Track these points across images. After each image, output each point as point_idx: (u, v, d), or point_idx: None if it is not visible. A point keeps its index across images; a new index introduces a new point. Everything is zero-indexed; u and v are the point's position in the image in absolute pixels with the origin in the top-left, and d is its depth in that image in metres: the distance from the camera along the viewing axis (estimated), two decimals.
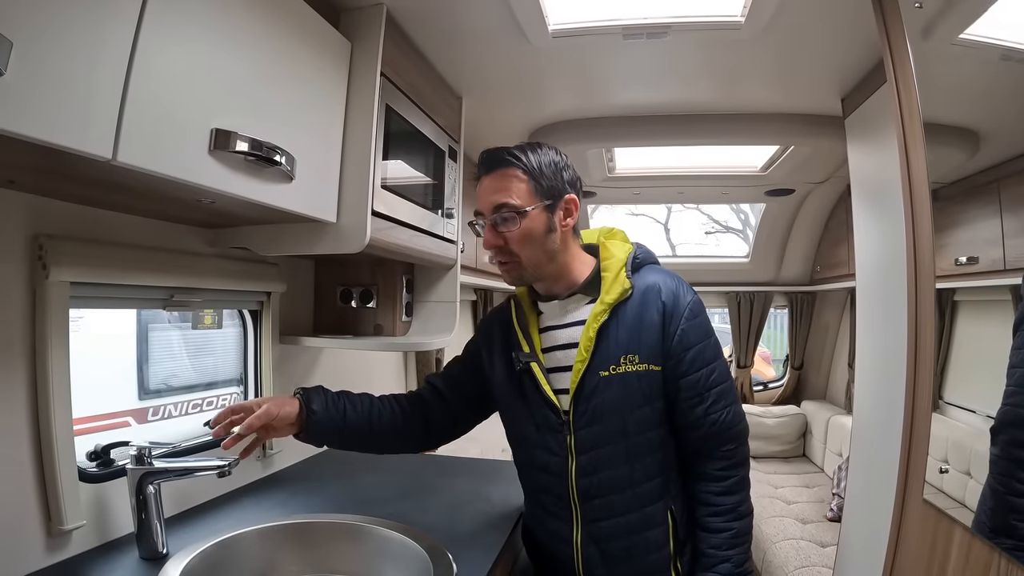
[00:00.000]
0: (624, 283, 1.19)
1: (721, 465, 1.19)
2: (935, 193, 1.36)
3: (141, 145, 0.83)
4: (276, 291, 1.72)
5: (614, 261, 1.22)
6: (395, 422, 1.33)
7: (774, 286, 4.48)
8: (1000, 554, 1.11)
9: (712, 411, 1.17)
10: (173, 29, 0.88)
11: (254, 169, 1.07)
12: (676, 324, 1.17)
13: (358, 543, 1.32)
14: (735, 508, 1.17)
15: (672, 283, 1.21)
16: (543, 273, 1.21)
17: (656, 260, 1.30)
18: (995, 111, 1.22)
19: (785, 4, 1.53)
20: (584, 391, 1.17)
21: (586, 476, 1.18)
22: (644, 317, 1.17)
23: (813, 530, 3.00)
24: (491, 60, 1.89)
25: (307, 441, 1.26)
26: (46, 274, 1.06)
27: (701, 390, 1.17)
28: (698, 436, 1.19)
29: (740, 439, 1.20)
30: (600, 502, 1.19)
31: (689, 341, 1.17)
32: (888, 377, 1.65)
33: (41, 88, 0.69)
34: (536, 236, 1.17)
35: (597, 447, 1.17)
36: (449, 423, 1.40)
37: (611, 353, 1.16)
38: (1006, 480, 1.14)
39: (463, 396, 1.38)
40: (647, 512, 1.18)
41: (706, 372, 1.17)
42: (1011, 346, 1.13)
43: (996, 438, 1.17)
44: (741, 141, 2.70)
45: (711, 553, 1.16)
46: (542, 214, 1.17)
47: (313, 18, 1.26)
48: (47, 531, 1.08)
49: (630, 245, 1.28)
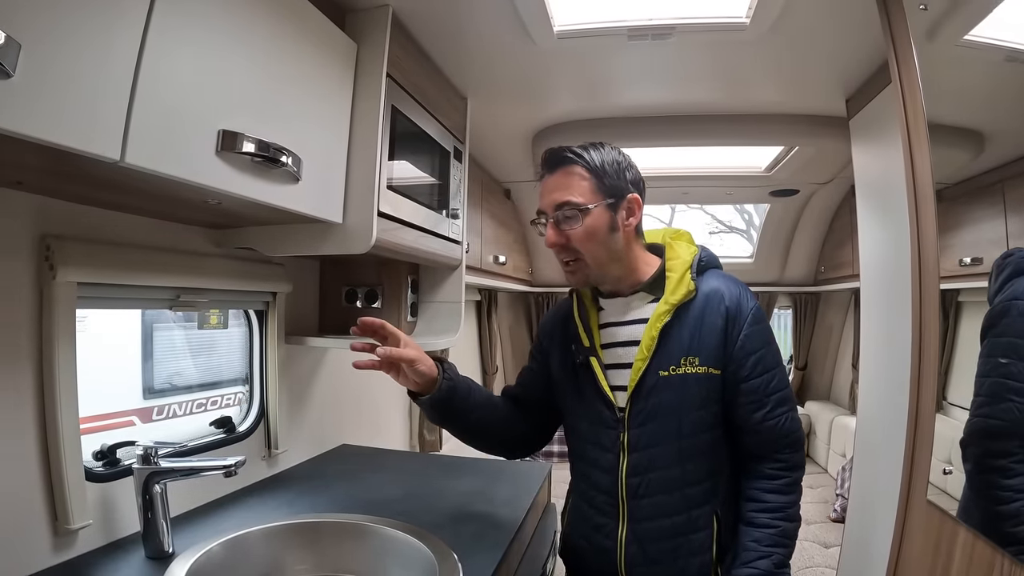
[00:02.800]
0: (689, 285, 1.18)
1: (776, 467, 1.18)
2: (939, 194, 1.36)
3: (149, 146, 0.83)
4: (282, 291, 1.72)
5: (679, 262, 1.22)
6: (509, 418, 1.34)
7: (778, 286, 4.48)
8: (1003, 555, 1.11)
9: (771, 417, 1.16)
10: (180, 31, 0.88)
11: (261, 170, 1.07)
12: (739, 329, 1.16)
13: (364, 543, 1.33)
14: (784, 508, 1.16)
15: (736, 289, 1.20)
16: (607, 274, 1.21)
17: (720, 264, 1.29)
18: (999, 112, 1.22)
19: (790, 5, 1.53)
20: (643, 389, 1.16)
21: (637, 475, 1.18)
22: (706, 320, 1.17)
23: (817, 531, 3.00)
24: (496, 61, 1.90)
25: (425, 404, 1.22)
26: (53, 274, 1.06)
27: (762, 395, 1.16)
28: (756, 441, 1.18)
29: (797, 446, 1.20)
30: (648, 502, 1.18)
31: (752, 346, 1.16)
32: (892, 378, 1.65)
33: (50, 90, 0.69)
34: (599, 234, 1.15)
35: (650, 446, 1.17)
36: (539, 429, 1.40)
37: (672, 353, 1.16)
38: (989, 493, 1.14)
39: (542, 399, 1.37)
40: (694, 515, 1.17)
41: (768, 377, 1.17)
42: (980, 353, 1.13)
43: (967, 452, 1.17)
44: (746, 142, 2.70)
45: (751, 546, 1.14)
46: (605, 212, 1.15)
47: (319, 19, 1.26)
48: (54, 530, 1.09)
49: (695, 247, 1.27)
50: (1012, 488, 1.09)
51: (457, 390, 1.23)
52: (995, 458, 1.12)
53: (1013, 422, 1.07)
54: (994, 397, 1.12)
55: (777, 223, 4.06)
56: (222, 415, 1.64)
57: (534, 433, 1.40)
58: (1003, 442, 1.10)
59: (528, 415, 1.38)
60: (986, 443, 1.14)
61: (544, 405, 1.37)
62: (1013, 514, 1.09)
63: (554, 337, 1.34)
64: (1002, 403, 1.09)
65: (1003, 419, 1.09)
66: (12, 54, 0.64)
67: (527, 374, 1.41)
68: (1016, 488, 1.08)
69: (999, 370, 1.10)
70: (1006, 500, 1.10)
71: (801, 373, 4.65)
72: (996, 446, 1.12)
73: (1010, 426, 1.08)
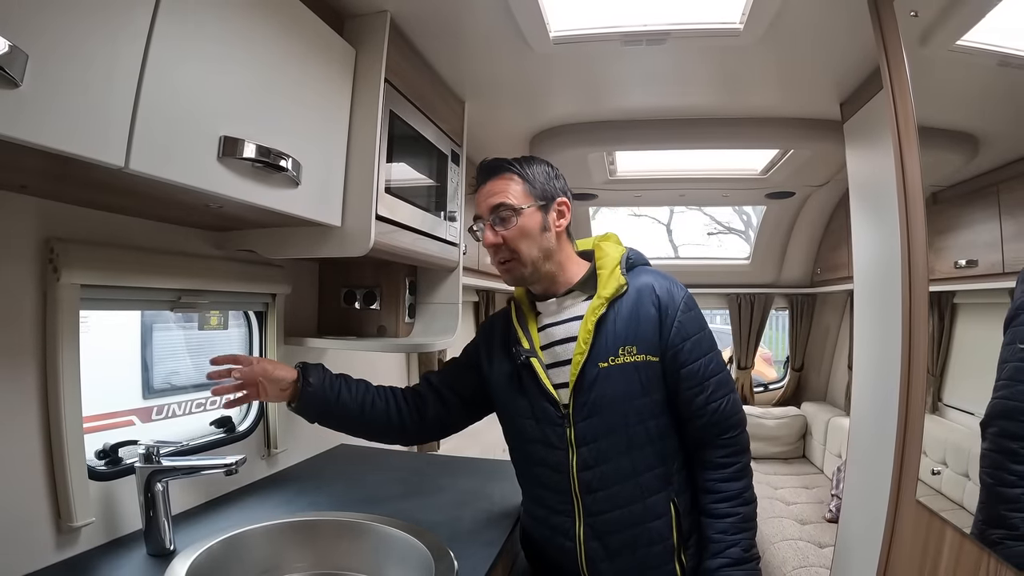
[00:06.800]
0: (619, 279, 1.24)
1: (724, 453, 1.22)
2: (935, 196, 1.37)
3: (152, 153, 0.85)
4: (281, 293, 1.74)
5: (609, 259, 1.28)
6: (388, 411, 1.37)
7: (775, 288, 4.50)
8: (989, 555, 1.12)
9: (712, 399, 1.20)
10: (182, 40, 0.90)
11: (261, 175, 1.09)
12: (673, 316, 1.21)
13: (362, 540, 1.34)
14: (740, 494, 1.20)
15: (665, 281, 1.26)
16: (541, 272, 1.26)
17: (648, 262, 1.35)
18: (993, 116, 1.24)
19: (783, 11, 1.55)
20: (584, 383, 1.20)
21: (588, 469, 1.20)
22: (640, 311, 1.21)
23: (812, 531, 3.02)
24: (494, 66, 1.91)
25: (299, 412, 1.32)
26: (57, 276, 1.08)
27: (701, 379, 1.20)
28: (700, 425, 1.22)
29: (740, 427, 1.24)
30: (603, 494, 1.20)
31: (687, 332, 1.21)
32: (883, 379, 1.67)
33: (56, 99, 0.71)
34: (532, 233, 1.23)
35: (597, 439, 1.20)
36: (440, 421, 1.43)
37: (609, 345, 1.20)
38: (996, 472, 1.16)
39: (458, 394, 1.41)
40: (649, 503, 1.20)
41: (704, 361, 1.21)
42: (1002, 342, 1.15)
43: (985, 431, 1.19)
44: (741, 145, 2.71)
45: (718, 538, 1.18)
46: (536, 213, 1.24)
47: (318, 25, 1.28)
48: (57, 528, 1.10)
49: (623, 247, 1.33)
50: (1017, 473, 1.11)
51: (320, 392, 1.30)
52: (1009, 439, 1.14)
53: None
54: (1012, 379, 1.14)
55: (774, 225, 4.07)
56: (222, 415, 1.66)
57: (433, 424, 1.43)
58: (1017, 423, 1.13)
59: (439, 403, 1.41)
60: (1002, 423, 1.17)
61: (463, 400, 1.41)
62: (1013, 499, 1.12)
63: (492, 344, 1.37)
64: (1019, 385, 1.13)
65: (1020, 400, 1.12)
66: (20, 64, 0.65)
67: (452, 367, 1.45)
68: (1021, 474, 1.11)
69: (1019, 355, 1.13)
70: (1009, 483, 1.13)
71: (798, 374, 4.66)
72: (1012, 427, 1.14)
73: None
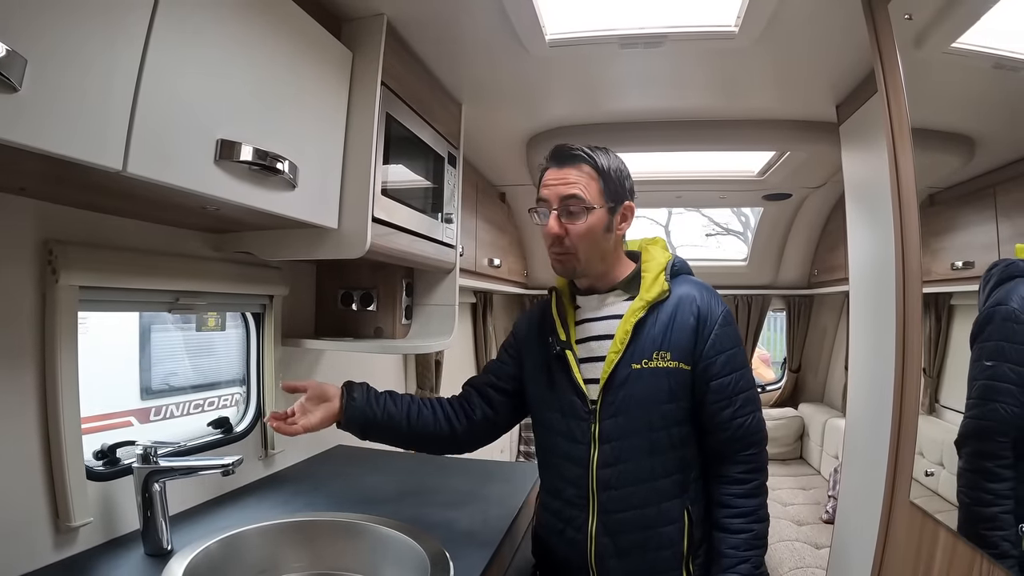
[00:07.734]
0: (663, 284, 1.24)
1: (743, 469, 1.22)
2: (932, 198, 1.37)
3: (150, 156, 0.86)
4: (278, 294, 1.75)
5: (654, 264, 1.28)
6: (436, 419, 1.36)
7: (772, 289, 4.50)
8: (982, 556, 1.13)
9: (738, 415, 1.20)
10: (180, 44, 0.91)
11: (258, 178, 1.10)
12: (710, 329, 1.21)
13: (358, 541, 1.35)
14: (755, 511, 1.20)
15: (707, 294, 1.26)
16: (592, 270, 1.26)
17: (691, 272, 1.34)
18: (989, 118, 1.24)
19: (778, 14, 1.55)
20: (615, 381, 1.20)
21: (607, 466, 1.21)
22: (678, 319, 1.22)
23: (809, 532, 3.03)
24: (490, 68, 1.92)
25: (346, 428, 1.29)
26: (56, 278, 1.08)
27: (730, 394, 1.20)
28: (723, 439, 1.22)
29: (762, 445, 1.24)
30: (618, 493, 1.21)
31: (722, 346, 1.21)
32: (878, 380, 1.68)
33: (55, 103, 0.72)
34: (596, 234, 1.21)
35: (621, 438, 1.20)
36: (489, 421, 1.41)
37: (645, 348, 1.20)
38: (972, 492, 1.18)
39: (502, 390, 1.40)
40: (663, 508, 1.21)
41: (736, 377, 1.21)
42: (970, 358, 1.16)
43: (960, 451, 1.20)
44: (738, 147, 2.72)
45: (730, 553, 1.18)
46: (605, 215, 1.22)
47: (315, 29, 1.29)
48: (55, 528, 1.11)
49: (669, 254, 1.33)
50: (993, 492, 1.12)
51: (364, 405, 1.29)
52: (983, 459, 1.15)
53: (1000, 421, 1.10)
54: (982, 399, 1.15)
55: (771, 227, 4.08)
56: (220, 415, 1.67)
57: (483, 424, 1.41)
58: (991, 443, 1.13)
59: (485, 404, 1.40)
60: (976, 443, 1.18)
61: (507, 395, 1.40)
62: (990, 518, 1.13)
63: (530, 334, 1.38)
64: (989, 404, 1.13)
65: (991, 419, 1.12)
66: (19, 68, 0.66)
67: (495, 365, 1.44)
68: (997, 493, 1.11)
69: (986, 372, 1.13)
70: (986, 503, 1.14)
71: (795, 376, 4.67)
72: (985, 447, 1.15)
73: (998, 425, 1.11)
